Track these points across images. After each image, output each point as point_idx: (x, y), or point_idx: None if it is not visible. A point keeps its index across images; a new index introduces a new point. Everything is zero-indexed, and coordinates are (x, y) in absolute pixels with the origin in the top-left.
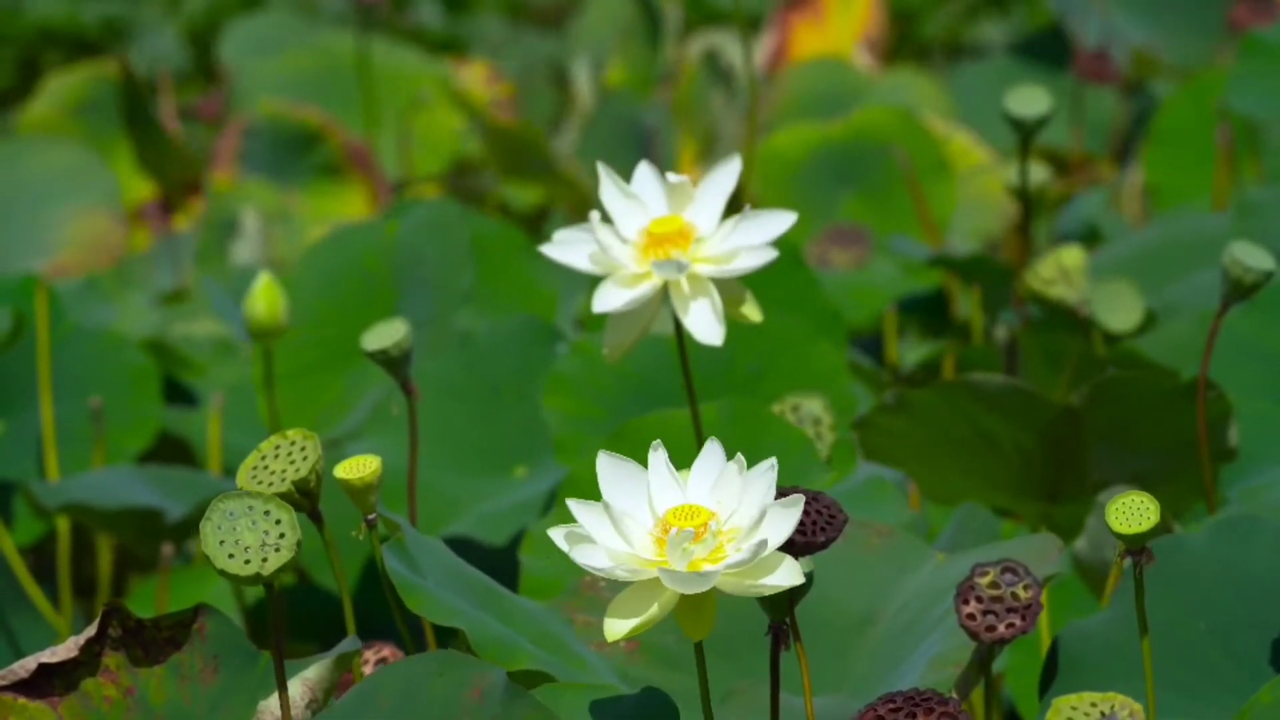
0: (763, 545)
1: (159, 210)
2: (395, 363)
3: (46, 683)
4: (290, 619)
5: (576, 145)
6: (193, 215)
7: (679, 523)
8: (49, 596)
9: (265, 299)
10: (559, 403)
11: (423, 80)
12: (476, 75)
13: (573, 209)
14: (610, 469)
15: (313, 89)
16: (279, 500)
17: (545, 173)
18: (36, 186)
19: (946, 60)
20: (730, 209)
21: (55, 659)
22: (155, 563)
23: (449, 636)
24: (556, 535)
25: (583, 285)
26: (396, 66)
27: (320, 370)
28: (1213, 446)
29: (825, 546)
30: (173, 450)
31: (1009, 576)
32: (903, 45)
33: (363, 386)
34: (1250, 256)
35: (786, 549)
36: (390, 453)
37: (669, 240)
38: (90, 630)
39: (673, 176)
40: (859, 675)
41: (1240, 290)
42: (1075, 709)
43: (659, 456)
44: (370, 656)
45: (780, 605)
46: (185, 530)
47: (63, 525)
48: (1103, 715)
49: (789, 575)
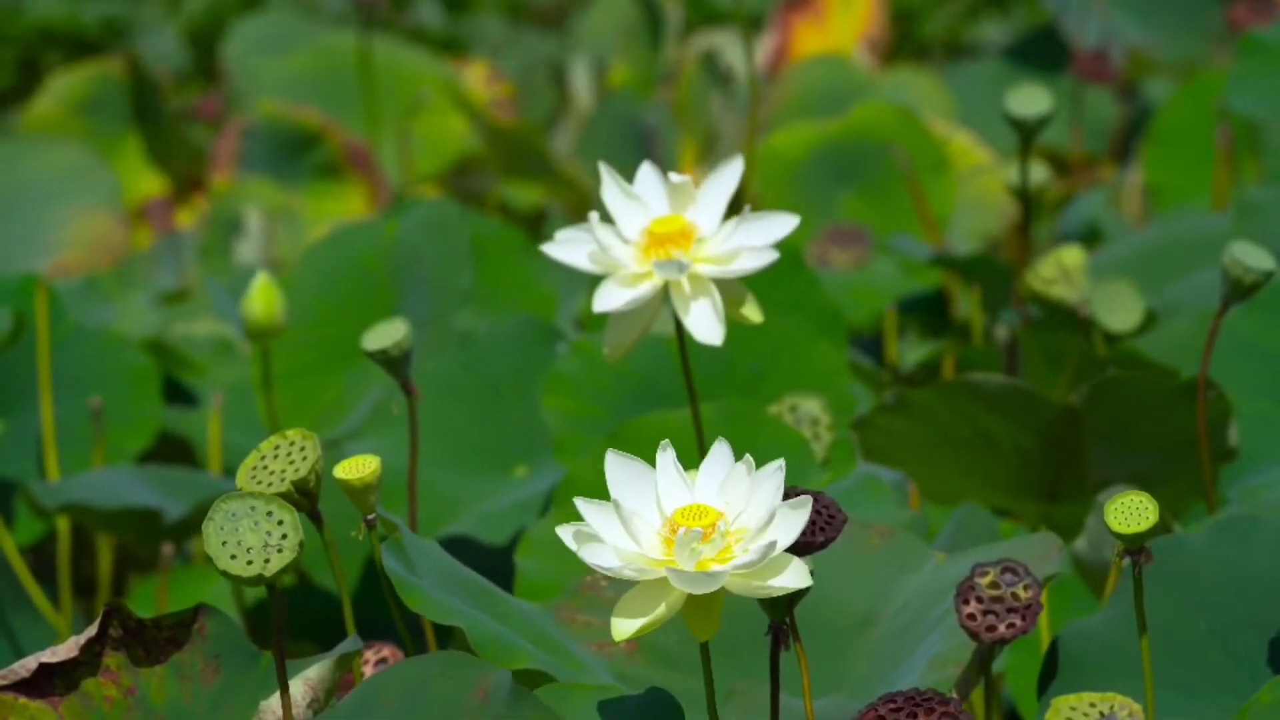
0: (771, 546)
1: (162, 208)
2: (395, 362)
3: (47, 682)
4: (290, 619)
5: (575, 145)
6: (197, 212)
7: (687, 523)
8: (49, 596)
9: (262, 299)
10: (558, 402)
11: (427, 80)
12: (477, 75)
13: (572, 209)
14: (618, 468)
15: (318, 89)
16: (281, 501)
17: (545, 172)
18: (38, 186)
19: (946, 60)
20: (732, 209)
21: (56, 659)
22: (155, 563)
23: (448, 638)
24: (565, 534)
25: (583, 285)
26: (401, 66)
27: (320, 370)
28: (1213, 446)
29: (824, 546)
30: (173, 450)
31: (1009, 576)
32: (903, 45)
33: (362, 386)
34: (1250, 256)
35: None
36: (390, 453)
37: (670, 240)
38: (91, 630)
39: (675, 176)
40: (859, 675)
41: (1240, 290)
42: (1075, 709)
43: (667, 456)
44: (370, 656)
45: (780, 605)
46: (185, 530)
47: (63, 525)
48: (1102, 715)
49: (797, 577)
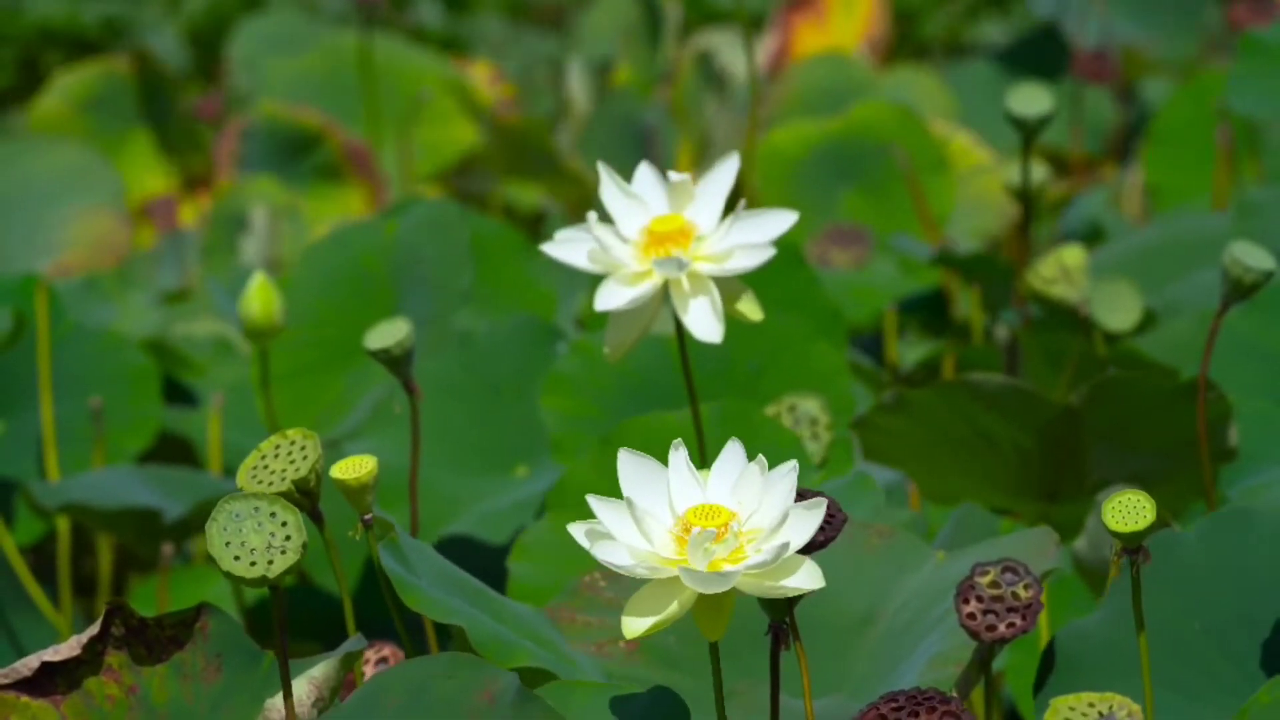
0: (785, 548)
1: (166, 207)
2: (397, 362)
3: (49, 681)
4: (290, 618)
5: (575, 145)
6: (201, 210)
7: (700, 522)
8: (49, 596)
9: (260, 299)
10: (557, 402)
11: (432, 81)
12: (480, 76)
13: (572, 208)
14: (631, 466)
15: (324, 90)
16: (285, 502)
17: (549, 170)
18: (40, 186)
19: (946, 60)
20: (731, 207)
21: (58, 657)
22: (155, 563)
23: (448, 639)
24: (577, 531)
25: (582, 285)
26: (406, 67)
27: (320, 370)
28: (1213, 446)
29: (824, 545)
30: (173, 450)
31: (1009, 576)
32: (902, 45)
33: (363, 386)
34: (1250, 256)
35: None
36: (390, 452)
37: (670, 239)
38: (93, 629)
39: (674, 175)
40: (859, 675)
41: (1240, 290)
42: (1074, 709)
43: (680, 455)
44: (371, 656)
45: (780, 605)
46: (185, 530)
47: (63, 525)
48: (1101, 715)
49: (810, 578)
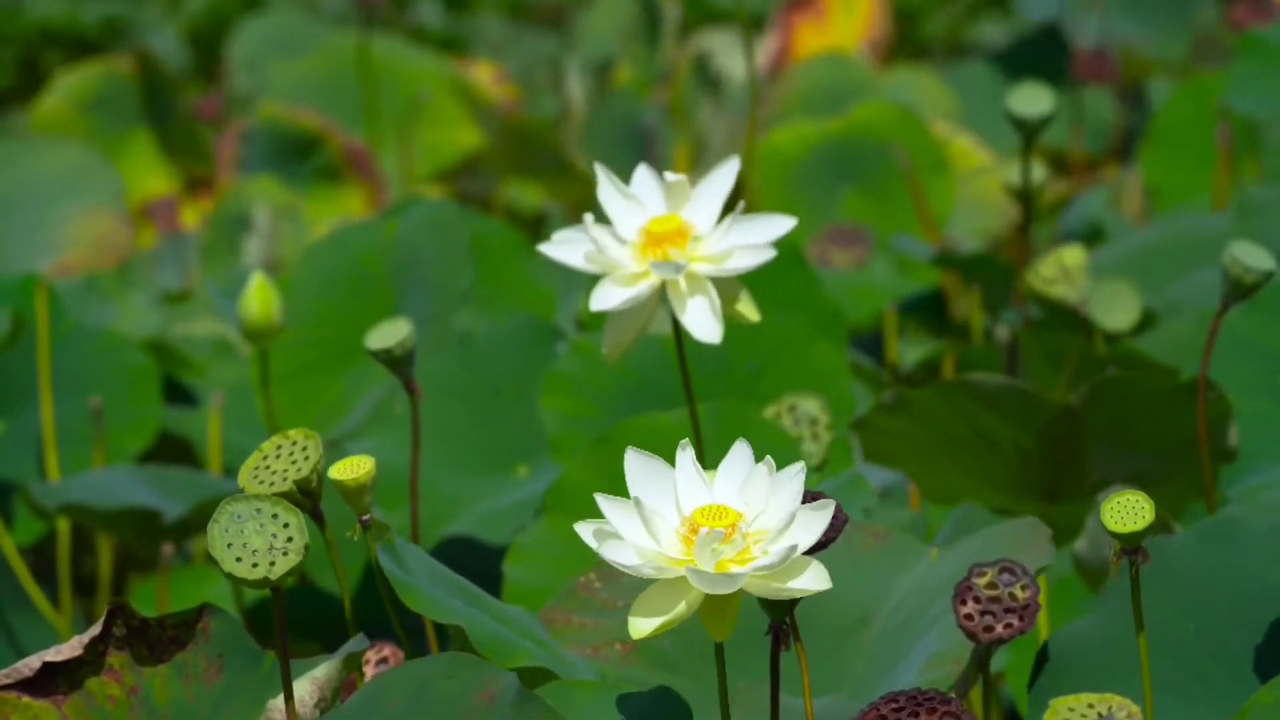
0: (793, 549)
1: (167, 207)
2: (399, 362)
3: (51, 681)
4: (291, 619)
5: (574, 146)
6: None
7: (708, 522)
8: (49, 596)
9: (259, 300)
10: (557, 402)
11: (435, 81)
12: (483, 76)
13: (573, 208)
14: (638, 466)
15: (328, 91)
16: (286, 504)
17: (553, 168)
18: (41, 186)
19: (946, 60)
20: (730, 209)
21: (60, 657)
22: (155, 563)
23: (447, 640)
24: (584, 531)
25: (582, 285)
26: (409, 67)
27: (320, 370)
28: (1212, 446)
29: (825, 546)
30: (173, 450)
31: (1006, 577)
32: (902, 45)
33: (363, 386)
34: (1250, 256)
35: None
36: (391, 453)
37: (667, 239)
38: (95, 629)
39: (670, 176)
40: (856, 675)
41: (1240, 290)
42: (1073, 710)
43: (686, 455)
44: (371, 656)
45: (781, 606)
46: (185, 530)
47: (63, 525)
48: (1100, 716)
49: (817, 579)
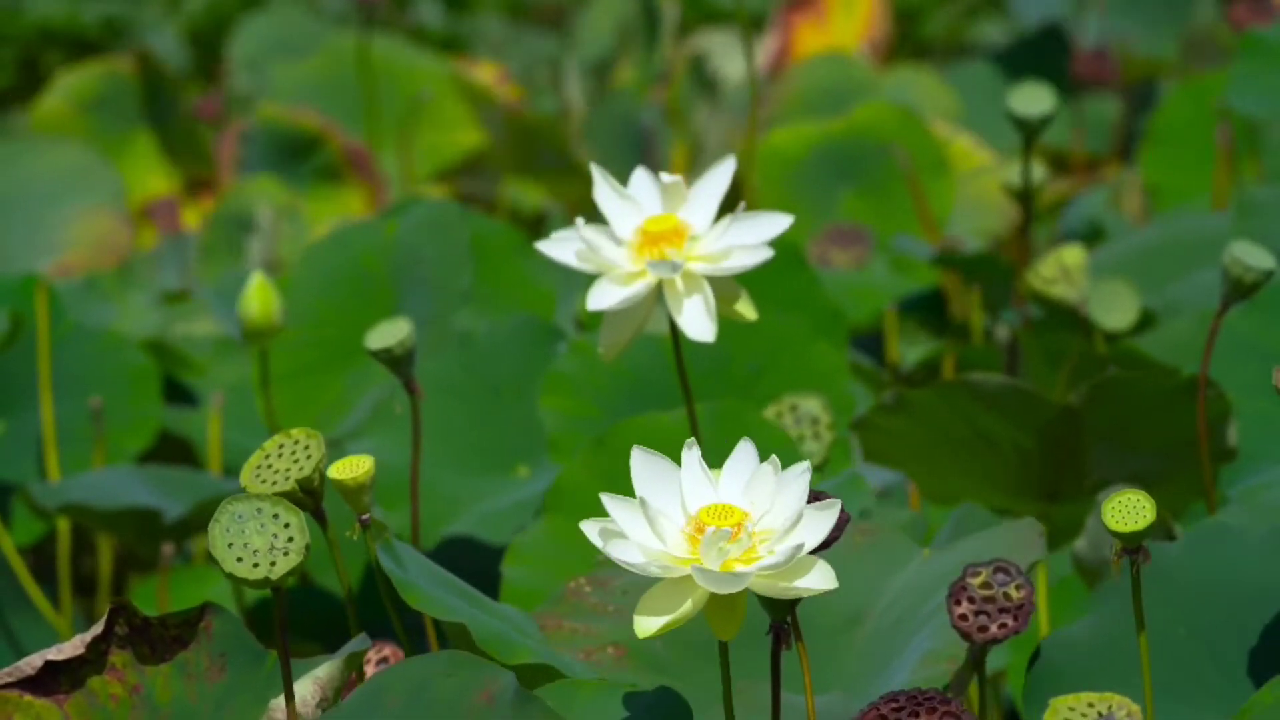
0: (798, 548)
1: (167, 208)
2: (399, 361)
3: (53, 680)
4: (291, 618)
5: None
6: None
7: (713, 521)
8: (49, 596)
9: (259, 300)
10: (557, 402)
11: (432, 81)
12: (486, 76)
13: (573, 208)
14: (643, 465)
15: (330, 92)
16: (287, 504)
17: (558, 166)
18: (41, 186)
19: (946, 60)
20: (729, 210)
21: (62, 656)
22: (155, 563)
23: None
24: (590, 529)
25: (582, 284)
26: (411, 67)
27: (320, 370)
28: (1212, 446)
29: (828, 546)
30: (173, 450)
31: (1001, 576)
32: (903, 45)
33: (363, 386)
34: (1250, 256)
35: None
36: (391, 452)
37: (664, 239)
38: (97, 628)
39: (666, 176)
40: (851, 674)
41: (1240, 290)
42: (1073, 709)
43: (692, 454)
44: (372, 655)
45: (783, 605)
46: (185, 530)
47: (63, 525)
48: (1100, 715)
49: (823, 579)
